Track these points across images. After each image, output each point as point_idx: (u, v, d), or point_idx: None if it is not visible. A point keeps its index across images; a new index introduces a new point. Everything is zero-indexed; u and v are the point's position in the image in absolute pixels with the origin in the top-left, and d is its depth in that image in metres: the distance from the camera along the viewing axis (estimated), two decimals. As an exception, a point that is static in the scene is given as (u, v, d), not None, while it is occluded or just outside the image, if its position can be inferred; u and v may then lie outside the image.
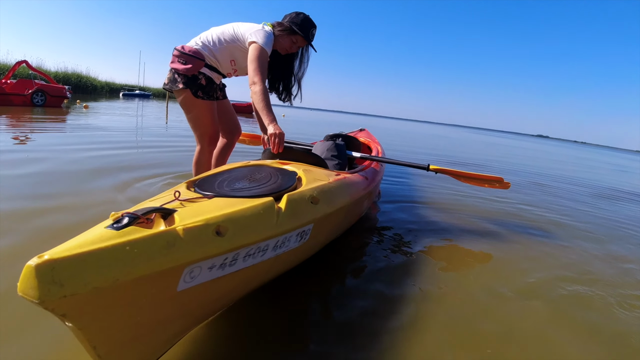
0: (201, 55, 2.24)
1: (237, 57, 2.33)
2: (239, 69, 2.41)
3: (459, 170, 2.89)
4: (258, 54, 2.13)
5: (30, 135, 5.37)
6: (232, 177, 1.49)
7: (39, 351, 1.19)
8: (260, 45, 2.15)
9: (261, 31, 2.20)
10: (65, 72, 33.39)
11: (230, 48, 2.29)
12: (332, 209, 1.60)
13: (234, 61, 2.35)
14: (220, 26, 2.36)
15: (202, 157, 2.51)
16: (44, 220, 2.17)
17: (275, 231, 1.19)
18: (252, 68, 2.12)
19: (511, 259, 2.44)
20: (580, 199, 5.18)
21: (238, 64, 2.36)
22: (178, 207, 1.08)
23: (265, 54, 2.16)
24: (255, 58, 2.13)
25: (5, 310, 1.35)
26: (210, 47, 2.27)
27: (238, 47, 2.29)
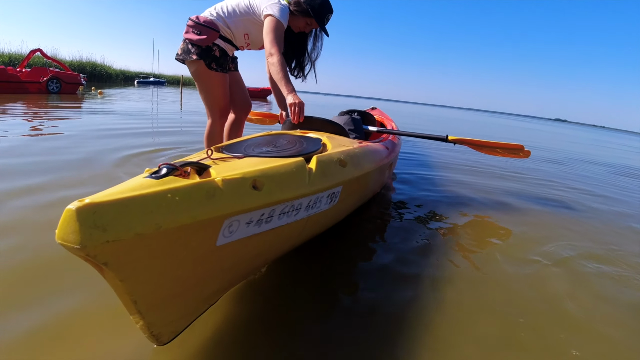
0: (216, 26, 2.19)
1: (251, 30, 2.28)
2: (252, 43, 2.37)
3: (478, 139, 2.81)
4: (274, 26, 2.10)
5: (45, 122, 5.40)
6: (257, 143, 1.49)
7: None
8: (276, 18, 2.11)
9: (277, 4, 2.16)
10: (80, 60, 33.68)
11: (245, 21, 2.25)
12: (359, 172, 1.61)
13: (247, 35, 2.30)
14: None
15: (214, 129, 2.47)
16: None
17: (307, 190, 1.19)
18: (268, 40, 2.09)
19: (531, 235, 2.37)
20: (598, 177, 5.07)
21: (252, 37, 2.32)
22: (212, 164, 1.06)
23: (281, 26, 2.13)
24: (272, 30, 2.09)
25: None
26: (225, 19, 2.23)
27: (253, 20, 2.24)
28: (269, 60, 2.08)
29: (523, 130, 18.32)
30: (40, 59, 15.24)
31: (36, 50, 13.21)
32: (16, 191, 2.19)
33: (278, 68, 2.04)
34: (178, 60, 2.30)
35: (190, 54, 2.21)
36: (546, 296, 1.63)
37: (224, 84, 2.36)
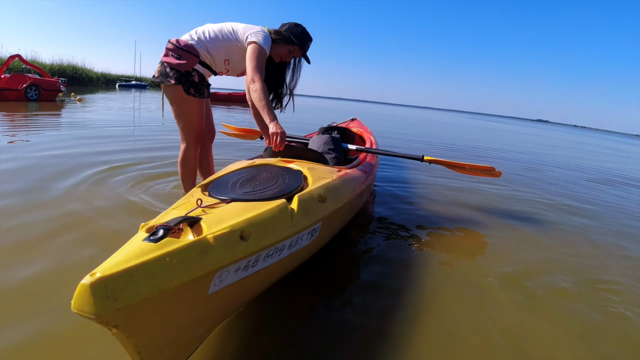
0: (196, 51, 2.18)
1: (232, 56, 2.29)
2: (232, 69, 2.37)
3: (452, 160, 2.95)
4: (257, 53, 2.12)
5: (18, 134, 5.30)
6: (242, 179, 1.57)
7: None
8: (260, 45, 2.13)
9: (261, 32, 2.19)
10: (60, 64, 33.10)
11: (227, 46, 2.25)
12: (338, 205, 1.68)
13: (228, 60, 2.30)
14: (217, 23, 2.30)
15: (188, 154, 2.46)
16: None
17: (290, 232, 1.27)
18: (251, 66, 2.10)
19: (505, 248, 2.47)
20: (577, 186, 5.16)
21: (232, 63, 2.32)
22: (202, 214, 1.16)
23: (264, 53, 2.16)
24: (255, 57, 2.11)
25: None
26: (206, 44, 2.22)
27: (235, 46, 2.25)
28: (251, 86, 2.09)
29: (504, 133, 18.61)
30: (20, 65, 14.96)
31: (15, 56, 12.98)
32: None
33: (261, 95, 2.05)
34: (154, 82, 2.26)
35: (168, 78, 2.19)
36: (509, 320, 1.68)
37: (200, 109, 2.36)
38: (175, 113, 2.35)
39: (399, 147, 7.32)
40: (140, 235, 0.98)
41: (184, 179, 2.52)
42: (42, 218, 2.24)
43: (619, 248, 2.71)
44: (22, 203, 2.43)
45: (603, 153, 13.17)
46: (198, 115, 2.36)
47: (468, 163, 2.93)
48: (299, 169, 1.75)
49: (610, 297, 1.95)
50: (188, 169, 2.50)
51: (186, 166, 2.49)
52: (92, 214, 2.35)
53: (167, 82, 2.19)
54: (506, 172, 5.35)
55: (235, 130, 3.78)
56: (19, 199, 2.50)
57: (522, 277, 2.06)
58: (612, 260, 2.48)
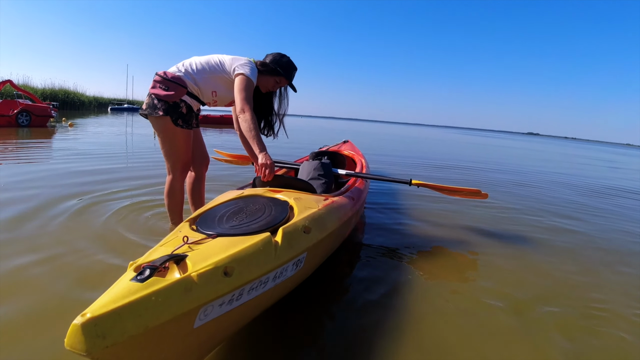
0: (184, 83, 2.19)
1: (219, 88, 2.31)
2: (219, 100, 2.39)
3: (439, 184, 2.98)
4: (246, 84, 2.15)
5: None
6: (229, 212, 1.61)
7: None
8: (247, 76, 2.17)
9: (247, 64, 2.23)
10: (52, 88, 33.18)
11: (214, 78, 2.27)
12: (323, 235, 1.70)
13: (215, 92, 2.32)
14: (203, 56, 2.33)
15: (175, 185, 2.44)
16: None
17: (274, 264, 1.32)
18: (240, 98, 2.13)
19: (495, 270, 2.47)
20: (566, 202, 5.21)
21: (219, 94, 2.34)
22: (188, 251, 1.22)
23: (252, 84, 2.19)
24: (243, 88, 2.14)
25: None
26: (194, 75, 2.24)
27: (222, 78, 2.27)
28: (241, 117, 2.11)
29: (495, 149, 18.79)
30: (11, 90, 14.95)
31: (6, 81, 13.01)
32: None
33: (250, 125, 2.08)
34: (142, 115, 2.27)
35: (157, 110, 2.19)
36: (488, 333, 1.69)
37: (188, 140, 2.36)
38: (162, 144, 2.34)
39: (390, 167, 7.37)
40: (128, 275, 1.05)
41: (170, 211, 2.52)
42: (26, 250, 2.22)
43: (608, 264, 2.73)
44: (6, 237, 2.40)
45: (592, 165, 13.30)
46: (185, 146, 2.36)
47: (455, 186, 2.97)
48: (286, 200, 1.79)
49: (602, 315, 1.96)
50: (175, 200, 2.49)
51: (173, 198, 2.48)
52: (79, 247, 2.30)
53: (155, 114, 2.19)
54: (494, 190, 5.43)
55: (228, 157, 3.79)
56: (3, 232, 2.48)
57: (512, 299, 2.05)
58: (603, 277, 2.48)
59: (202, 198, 2.72)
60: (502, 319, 1.84)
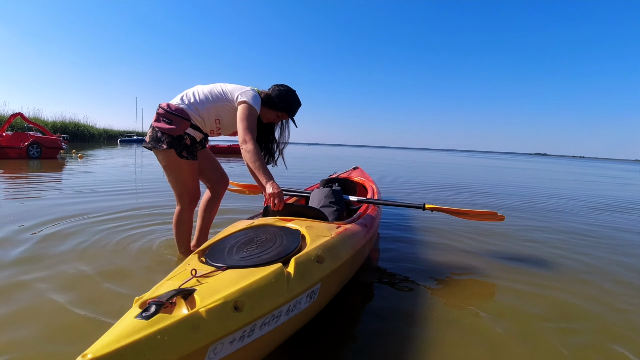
0: (187, 115, 2.17)
1: (223, 116, 2.28)
2: (223, 128, 2.36)
3: (453, 208, 2.88)
4: (248, 113, 2.13)
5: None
6: (239, 242, 1.57)
7: None
8: (250, 105, 2.15)
9: (250, 92, 2.21)
10: (62, 121, 33.93)
11: (217, 107, 2.25)
12: (336, 264, 1.64)
13: (219, 120, 2.30)
14: (206, 85, 2.32)
15: (183, 216, 2.41)
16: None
17: (286, 297, 1.25)
18: (242, 127, 2.10)
19: (512, 296, 2.33)
20: (579, 221, 5.06)
21: (223, 122, 2.32)
22: (196, 284, 1.17)
23: (255, 113, 2.16)
24: (246, 117, 2.11)
25: None
26: (197, 106, 2.21)
27: (225, 106, 2.25)
28: (244, 147, 2.08)
29: (504, 170, 18.63)
30: (22, 122, 15.22)
31: (17, 114, 13.27)
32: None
33: (254, 156, 2.06)
34: (146, 148, 2.24)
35: (160, 143, 2.16)
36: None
37: (193, 171, 2.33)
38: (168, 177, 2.31)
39: (400, 192, 7.28)
40: (133, 312, 1.00)
41: (178, 240, 2.50)
42: (34, 281, 2.16)
43: (628, 285, 2.60)
44: (17, 267, 2.37)
45: (603, 182, 13.01)
46: (191, 177, 2.33)
47: (470, 209, 2.87)
48: (297, 229, 1.74)
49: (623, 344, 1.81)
50: (182, 230, 2.46)
51: (181, 228, 2.45)
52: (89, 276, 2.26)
53: (159, 147, 2.16)
54: (509, 211, 5.30)
55: (239, 187, 3.75)
56: (12, 266, 2.43)
57: (532, 327, 1.92)
58: (622, 301, 2.34)
59: (211, 217, 2.67)
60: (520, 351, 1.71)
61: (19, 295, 1.98)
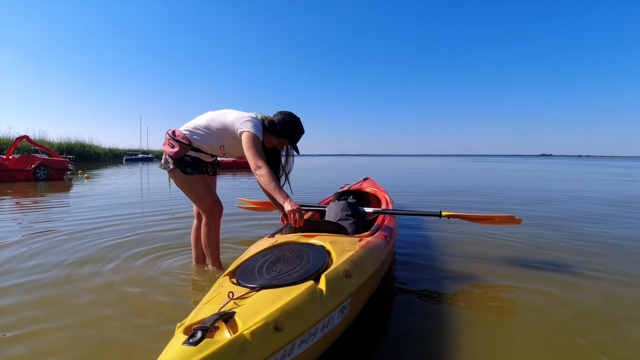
0: (188, 141, 2.38)
1: (226, 142, 2.43)
2: (228, 153, 2.51)
3: (470, 214, 2.86)
4: (253, 141, 2.23)
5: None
6: (267, 261, 1.61)
7: None
8: (252, 133, 2.24)
9: (250, 121, 2.29)
10: (68, 142, 34.26)
11: (219, 135, 2.40)
12: (364, 278, 1.66)
13: (223, 146, 2.45)
14: (213, 112, 2.44)
15: (206, 228, 2.55)
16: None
17: (321, 314, 1.28)
18: (251, 154, 2.20)
19: (533, 303, 2.25)
20: (597, 216, 5.03)
21: (227, 148, 2.47)
22: (234, 307, 1.21)
23: (258, 140, 2.26)
24: (251, 146, 2.21)
25: None
26: (200, 133, 2.40)
27: (227, 135, 2.39)
28: (257, 173, 2.18)
29: (512, 173, 18.56)
30: (28, 145, 15.34)
31: (23, 137, 13.38)
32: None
33: (268, 179, 2.14)
34: (161, 168, 2.46)
35: (168, 164, 2.43)
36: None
37: (204, 183, 2.49)
38: (185, 193, 2.52)
39: (411, 199, 7.24)
40: (179, 338, 1.04)
41: (205, 249, 2.62)
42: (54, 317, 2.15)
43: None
44: (31, 295, 2.37)
45: (609, 180, 12.81)
46: (204, 189, 2.49)
47: (486, 215, 2.84)
48: (322, 244, 1.78)
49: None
50: (209, 239, 2.57)
51: (207, 237, 2.57)
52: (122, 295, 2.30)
53: (168, 168, 2.44)
54: (525, 213, 5.28)
55: (251, 204, 3.75)
56: (29, 292, 2.45)
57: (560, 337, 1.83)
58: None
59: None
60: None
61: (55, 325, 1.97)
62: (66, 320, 1.95)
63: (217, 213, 2.55)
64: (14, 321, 1.93)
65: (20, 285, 2.44)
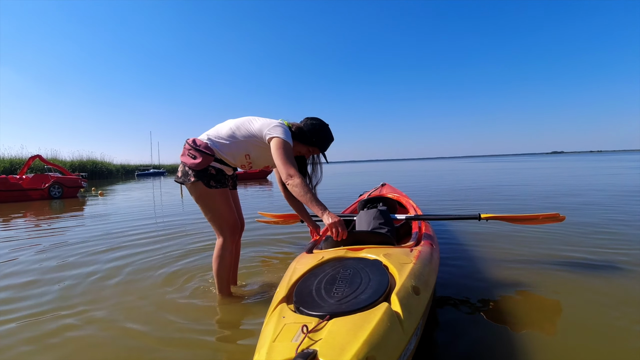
0: (211, 151, 2.15)
1: (252, 151, 2.22)
2: (254, 163, 2.30)
3: (511, 214, 2.68)
4: (284, 148, 2.05)
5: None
6: (323, 282, 1.46)
7: None
8: (283, 139, 2.07)
9: (279, 126, 2.13)
10: (80, 159, 34.66)
11: (245, 143, 2.19)
12: (429, 292, 1.53)
13: (248, 155, 2.24)
14: (235, 120, 2.26)
15: (225, 249, 2.28)
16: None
17: (405, 340, 1.15)
18: (282, 162, 2.02)
19: (580, 310, 2.06)
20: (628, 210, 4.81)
21: (252, 157, 2.26)
22: (311, 343, 1.06)
23: (289, 146, 2.08)
24: (282, 153, 2.04)
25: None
26: (223, 142, 2.18)
27: (254, 143, 2.19)
28: (290, 182, 1.99)
29: (520, 171, 18.24)
30: (41, 164, 15.49)
31: (36, 156, 13.55)
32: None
33: (303, 189, 1.97)
34: (177, 182, 2.24)
35: (189, 177, 2.17)
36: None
37: (227, 199, 2.25)
38: (203, 210, 2.25)
39: (435, 203, 7.08)
40: None
41: (218, 276, 2.33)
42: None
43: None
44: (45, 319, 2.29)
45: (625, 174, 12.57)
46: (226, 205, 2.25)
47: (529, 214, 2.66)
48: (376, 259, 1.63)
49: None
50: (223, 264, 2.30)
51: (222, 262, 2.29)
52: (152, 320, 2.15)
53: (188, 181, 2.17)
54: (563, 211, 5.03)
55: (273, 217, 3.60)
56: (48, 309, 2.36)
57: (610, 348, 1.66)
58: None
59: (236, 264, 2.58)
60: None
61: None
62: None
63: (239, 234, 2.37)
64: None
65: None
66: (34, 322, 2.13)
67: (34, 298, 2.51)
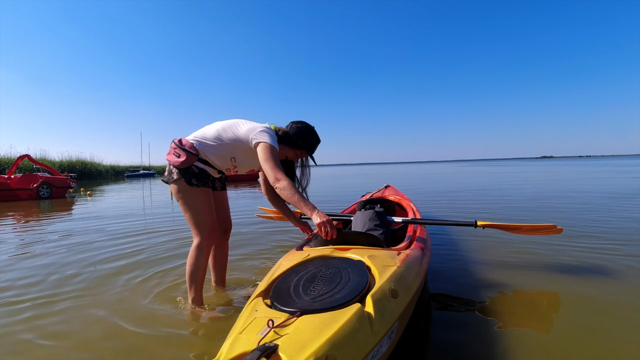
0: (196, 151, 2.15)
1: (238, 154, 2.23)
2: (239, 166, 2.30)
3: (508, 223, 2.69)
4: (270, 152, 2.06)
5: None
6: (303, 280, 1.46)
7: None
8: (269, 144, 2.08)
9: (265, 131, 2.13)
10: (69, 160, 34.32)
11: (231, 146, 2.20)
12: (409, 296, 1.51)
13: (234, 158, 2.24)
14: (222, 122, 2.26)
15: (200, 252, 2.21)
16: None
17: (373, 342, 1.13)
18: (269, 167, 2.03)
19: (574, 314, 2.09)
20: (623, 215, 4.91)
21: (238, 160, 2.25)
22: (275, 337, 1.06)
23: (275, 151, 2.10)
24: (269, 157, 2.05)
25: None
26: (209, 144, 2.18)
27: (239, 146, 2.19)
28: (278, 185, 2.00)
29: (511, 175, 18.42)
30: (30, 164, 15.34)
31: (24, 156, 13.41)
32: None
33: (291, 192, 1.97)
34: (163, 182, 2.25)
35: (172, 175, 2.17)
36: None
37: (207, 199, 2.22)
38: (182, 208, 2.21)
39: (432, 207, 7.12)
40: None
41: (190, 278, 2.22)
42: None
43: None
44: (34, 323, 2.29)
45: (615, 178, 12.76)
46: (206, 205, 2.21)
47: (525, 224, 2.68)
48: (360, 259, 1.63)
49: None
50: (197, 266, 2.20)
51: (195, 263, 2.20)
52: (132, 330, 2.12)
53: (171, 179, 2.18)
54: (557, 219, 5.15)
55: (272, 213, 3.63)
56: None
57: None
58: None
59: (224, 267, 2.59)
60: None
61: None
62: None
63: (214, 236, 2.27)
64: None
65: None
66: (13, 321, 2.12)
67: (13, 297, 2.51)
